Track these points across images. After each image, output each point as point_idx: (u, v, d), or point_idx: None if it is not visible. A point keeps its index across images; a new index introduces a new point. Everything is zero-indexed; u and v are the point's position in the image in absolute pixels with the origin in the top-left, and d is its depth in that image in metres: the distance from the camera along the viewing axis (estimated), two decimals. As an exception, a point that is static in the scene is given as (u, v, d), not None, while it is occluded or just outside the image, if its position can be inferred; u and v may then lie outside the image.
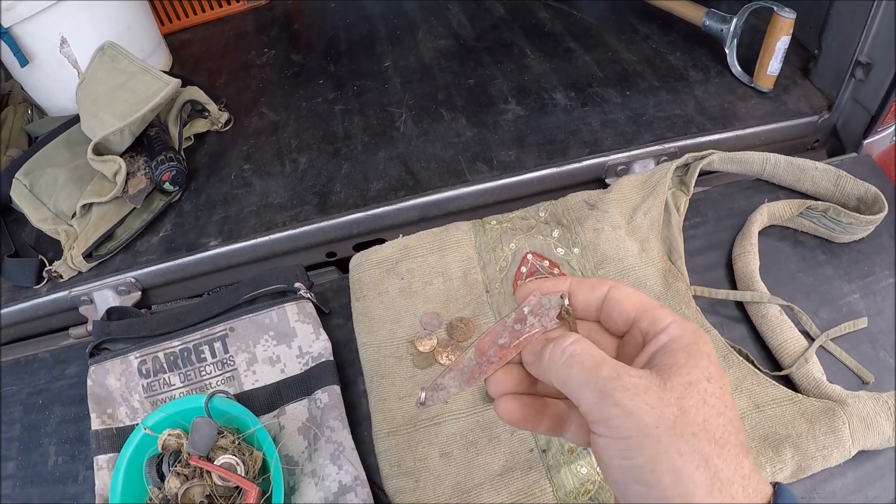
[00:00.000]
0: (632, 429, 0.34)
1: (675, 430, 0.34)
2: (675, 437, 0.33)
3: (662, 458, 0.33)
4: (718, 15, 1.16)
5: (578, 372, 0.37)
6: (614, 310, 0.42)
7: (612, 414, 0.35)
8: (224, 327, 0.85)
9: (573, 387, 0.38)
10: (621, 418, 0.34)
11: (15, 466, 0.85)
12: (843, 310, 0.86)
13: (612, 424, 0.35)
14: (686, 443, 0.33)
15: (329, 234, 1.03)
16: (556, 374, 0.39)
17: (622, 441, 0.34)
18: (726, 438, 0.34)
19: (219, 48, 1.53)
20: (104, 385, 0.83)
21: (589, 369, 0.37)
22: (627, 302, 0.41)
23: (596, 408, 0.36)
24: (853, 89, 1.06)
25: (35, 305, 1.01)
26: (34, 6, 1.14)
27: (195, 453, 0.69)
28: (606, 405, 0.35)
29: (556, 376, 0.39)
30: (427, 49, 1.37)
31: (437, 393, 0.46)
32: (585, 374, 0.37)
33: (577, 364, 0.38)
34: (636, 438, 0.34)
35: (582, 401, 0.37)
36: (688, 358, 0.36)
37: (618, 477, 0.35)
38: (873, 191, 0.90)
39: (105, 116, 1.05)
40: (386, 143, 1.14)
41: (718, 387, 0.36)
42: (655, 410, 0.34)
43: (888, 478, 0.73)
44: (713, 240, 0.93)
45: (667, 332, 0.39)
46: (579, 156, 1.05)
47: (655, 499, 0.34)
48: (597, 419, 0.36)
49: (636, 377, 0.35)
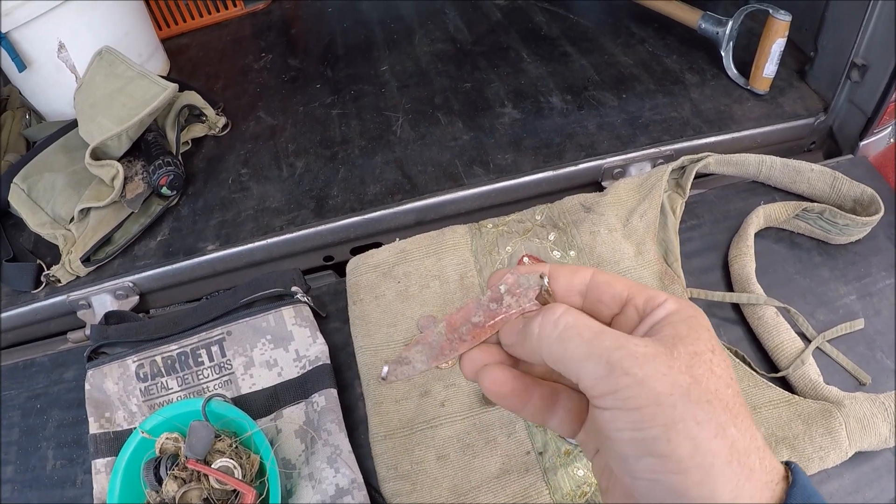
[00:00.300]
0: (644, 398, 0.32)
1: (690, 398, 0.31)
2: (690, 405, 0.31)
3: (679, 427, 0.31)
4: (714, 18, 1.17)
5: (577, 344, 0.34)
6: (604, 292, 0.39)
7: (621, 384, 0.32)
8: (221, 331, 0.85)
9: (572, 361, 0.34)
10: (632, 388, 0.32)
11: (13, 470, 0.85)
12: (840, 311, 0.86)
13: (622, 395, 0.32)
14: (702, 410, 0.31)
15: (326, 238, 1.03)
16: (550, 349, 0.36)
17: (634, 412, 0.32)
18: (738, 409, 0.33)
19: (216, 53, 1.53)
20: (102, 389, 0.84)
21: (589, 340, 0.34)
22: (617, 283, 0.39)
23: (602, 381, 0.33)
24: (849, 91, 1.06)
25: (33, 310, 1.01)
26: (32, 11, 1.14)
27: (192, 457, 0.69)
28: (614, 375, 0.32)
29: (549, 352, 0.36)
30: (424, 53, 1.38)
31: (400, 367, 0.42)
32: (586, 346, 0.34)
33: (574, 336, 0.35)
34: (649, 408, 0.31)
35: (584, 375, 0.34)
36: (689, 330, 0.34)
37: (627, 451, 0.33)
38: (869, 192, 0.90)
39: (103, 121, 1.05)
40: (383, 147, 1.14)
41: (722, 359, 0.34)
42: (667, 378, 0.32)
43: (885, 479, 0.73)
44: (709, 242, 0.93)
45: (664, 307, 0.36)
46: (575, 159, 1.05)
47: (671, 471, 0.31)
48: (603, 392, 0.33)
49: (642, 346, 0.33)
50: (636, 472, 0.33)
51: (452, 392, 0.79)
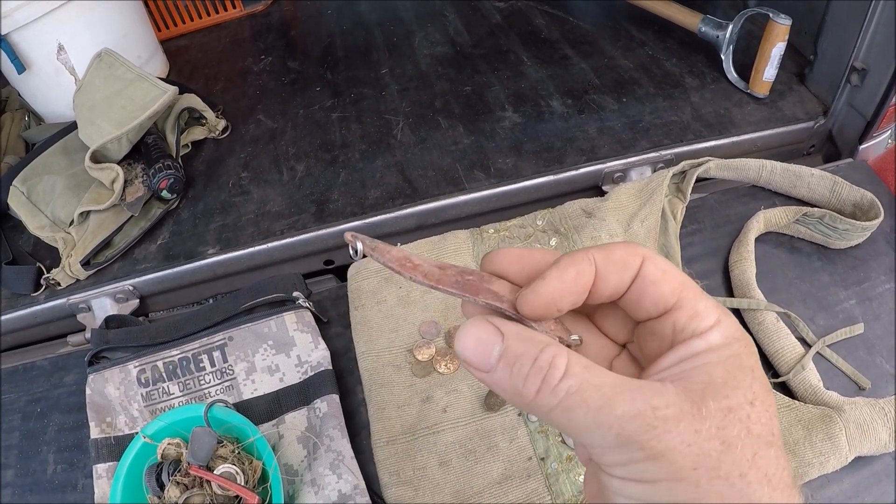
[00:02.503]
0: (662, 472, 0.27)
1: (720, 472, 0.27)
2: (717, 481, 0.27)
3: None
4: (714, 21, 1.17)
5: (584, 415, 0.28)
6: (648, 293, 0.32)
7: (635, 458, 0.27)
8: (223, 336, 0.85)
9: (577, 431, 0.29)
10: (648, 462, 0.27)
11: (14, 474, 0.85)
12: (840, 316, 0.86)
13: (635, 469, 0.28)
14: (731, 488, 0.27)
15: (327, 242, 1.03)
16: (549, 418, 0.30)
17: (647, 485, 0.28)
18: (780, 476, 0.28)
19: (216, 55, 1.53)
20: (103, 394, 0.83)
21: (597, 409, 0.28)
22: (667, 284, 0.32)
23: (612, 451, 0.28)
24: (849, 95, 1.06)
25: (33, 313, 1.01)
26: (32, 13, 1.14)
27: (195, 462, 0.69)
28: (628, 451, 0.28)
29: (547, 420, 0.30)
30: (424, 56, 1.38)
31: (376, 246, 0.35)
32: (593, 416, 0.28)
33: (579, 405, 0.28)
34: (666, 483, 0.27)
35: (591, 444, 0.29)
36: (727, 376, 0.29)
37: None
38: (869, 197, 0.90)
39: (102, 124, 1.05)
40: (383, 151, 1.14)
41: (764, 410, 0.29)
42: (693, 448, 0.27)
43: (885, 483, 0.73)
44: (710, 247, 0.94)
45: (706, 338, 0.30)
46: (576, 163, 1.06)
47: None
48: (613, 462, 0.29)
49: (663, 406, 0.27)
50: None
51: (454, 398, 0.80)
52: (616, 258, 0.32)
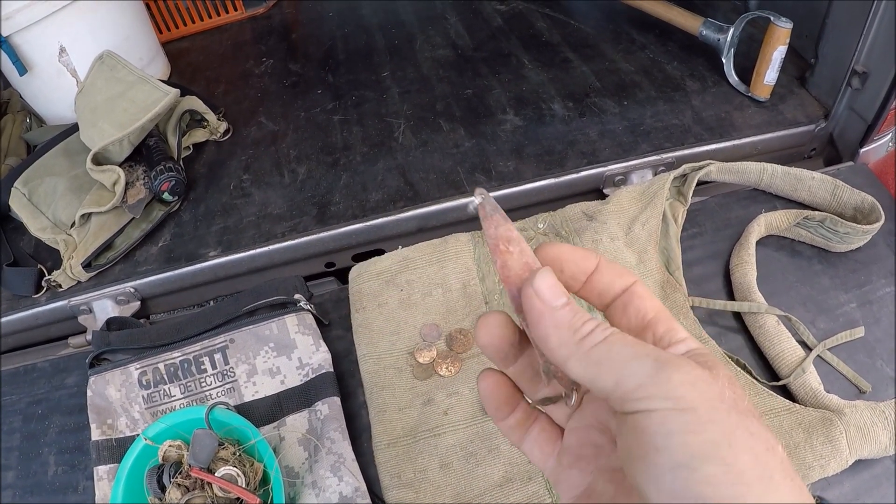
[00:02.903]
0: (698, 399, 0.29)
1: (739, 410, 0.29)
2: (742, 415, 0.29)
3: (737, 434, 0.28)
4: (715, 25, 1.17)
5: (623, 346, 0.32)
6: (634, 304, 0.36)
7: (674, 381, 0.29)
8: (224, 339, 0.85)
9: (615, 363, 0.31)
10: (685, 386, 0.29)
11: (14, 476, 0.85)
12: (840, 319, 0.86)
13: (675, 394, 0.29)
14: (753, 423, 0.29)
15: (328, 245, 1.03)
16: (592, 350, 0.32)
17: (689, 412, 0.29)
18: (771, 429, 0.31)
19: (217, 57, 1.53)
20: (104, 396, 0.84)
21: (634, 344, 0.32)
22: (650, 301, 0.36)
23: (651, 379, 0.30)
24: (849, 98, 1.07)
25: (34, 315, 1.02)
26: (33, 15, 1.15)
27: (196, 465, 0.69)
28: (665, 372, 0.30)
29: (588, 355, 0.32)
30: (425, 59, 1.38)
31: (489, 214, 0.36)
32: (632, 348, 0.31)
33: (618, 340, 0.32)
34: (705, 410, 0.29)
35: (628, 376, 0.31)
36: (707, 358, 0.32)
37: (680, 458, 0.28)
38: (870, 200, 0.90)
39: (104, 126, 1.05)
40: (385, 154, 1.14)
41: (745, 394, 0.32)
42: (715, 387, 0.30)
43: (885, 486, 0.73)
44: (711, 250, 0.94)
45: (686, 343, 0.34)
46: (577, 166, 1.06)
47: (734, 482, 0.28)
48: (651, 392, 0.30)
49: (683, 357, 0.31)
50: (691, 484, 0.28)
51: (455, 401, 0.80)
52: (617, 267, 0.37)
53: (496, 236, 0.35)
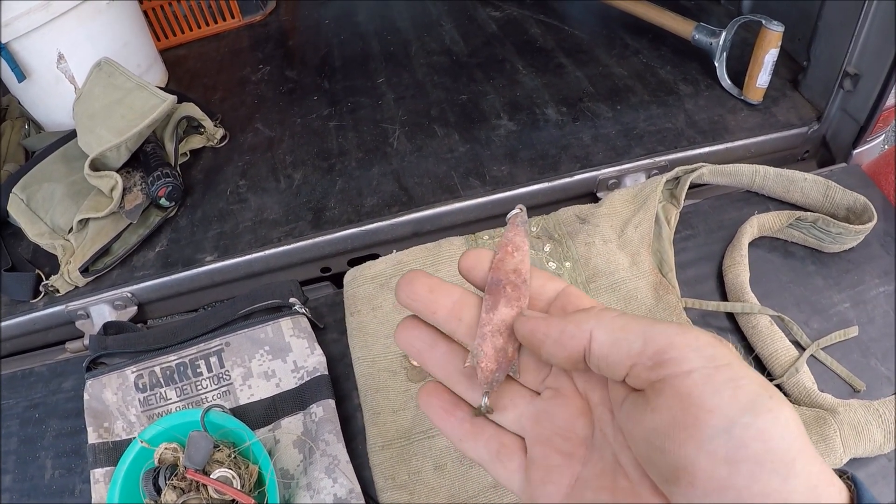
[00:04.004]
0: (727, 355, 0.29)
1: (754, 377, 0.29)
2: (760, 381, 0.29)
3: (772, 391, 0.28)
4: (708, 29, 1.18)
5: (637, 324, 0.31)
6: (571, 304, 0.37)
7: (702, 340, 0.29)
8: (220, 342, 0.85)
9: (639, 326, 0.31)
10: (713, 346, 0.29)
11: (12, 479, 0.85)
12: (834, 319, 0.86)
13: (705, 353, 0.29)
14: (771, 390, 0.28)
15: (323, 250, 1.04)
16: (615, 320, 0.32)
17: (726, 368, 0.28)
18: None
19: (214, 64, 1.54)
20: (101, 399, 0.84)
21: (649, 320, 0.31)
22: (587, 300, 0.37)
23: (678, 338, 0.29)
24: (842, 100, 1.07)
25: (32, 319, 1.02)
26: (32, 22, 1.15)
27: (191, 467, 0.69)
28: (692, 332, 0.29)
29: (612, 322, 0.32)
30: (420, 65, 1.38)
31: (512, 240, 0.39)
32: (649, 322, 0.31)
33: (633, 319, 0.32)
34: (738, 364, 0.28)
35: (657, 334, 0.30)
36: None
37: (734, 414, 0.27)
38: (862, 200, 0.91)
39: (102, 132, 1.06)
40: (380, 159, 1.15)
41: None
42: (730, 346, 0.30)
43: (881, 485, 0.73)
44: (704, 252, 0.94)
45: None
46: (571, 170, 1.06)
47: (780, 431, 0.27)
48: (682, 353, 0.29)
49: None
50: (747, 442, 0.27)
51: (449, 402, 0.80)
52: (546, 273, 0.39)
53: (511, 240, 0.38)
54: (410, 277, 0.38)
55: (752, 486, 0.26)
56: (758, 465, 0.27)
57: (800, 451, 0.27)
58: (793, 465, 0.26)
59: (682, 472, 0.28)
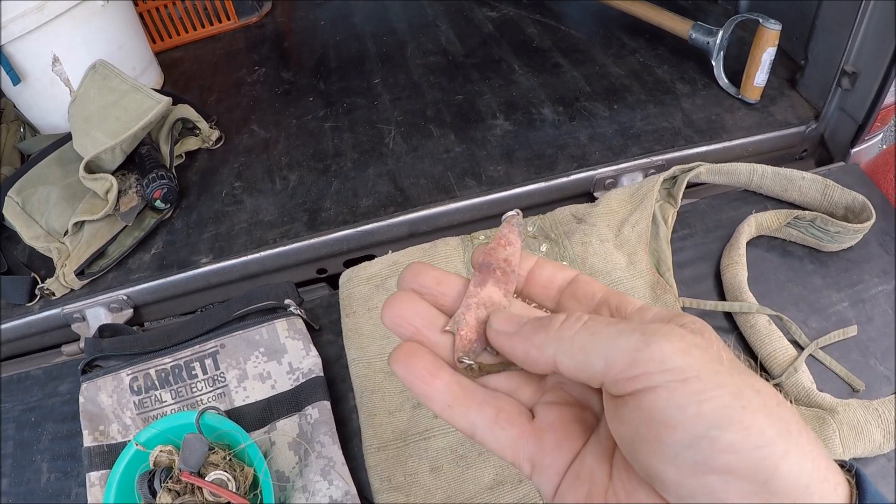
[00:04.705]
0: (698, 366, 0.27)
1: (739, 370, 0.28)
2: (743, 375, 0.28)
3: (747, 394, 0.27)
4: (705, 28, 1.17)
5: (605, 326, 0.30)
6: (580, 289, 0.36)
7: (667, 352, 0.28)
8: (215, 344, 0.85)
9: (600, 343, 0.30)
10: (681, 356, 0.28)
11: (8, 483, 0.85)
12: (833, 318, 0.86)
13: (672, 365, 0.28)
14: (756, 381, 0.28)
15: (319, 251, 1.03)
16: (573, 339, 0.31)
17: (693, 381, 0.27)
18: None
19: (210, 66, 1.53)
20: (96, 402, 0.84)
21: (618, 322, 0.30)
22: (596, 284, 0.36)
23: (641, 353, 0.28)
24: (840, 99, 1.07)
25: (27, 323, 1.02)
26: (27, 25, 1.15)
27: (186, 469, 0.69)
28: (656, 343, 0.28)
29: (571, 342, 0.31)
30: (416, 66, 1.38)
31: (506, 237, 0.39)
32: (615, 326, 0.30)
33: (600, 322, 0.31)
34: (708, 375, 0.27)
35: (618, 353, 0.29)
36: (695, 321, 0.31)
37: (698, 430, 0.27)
38: (860, 199, 0.90)
39: (97, 134, 1.06)
40: (375, 160, 1.15)
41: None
42: (710, 351, 0.28)
43: (880, 485, 0.73)
44: (701, 251, 0.94)
45: (648, 308, 0.34)
46: (567, 170, 1.06)
47: (755, 445, 0.26)
48: (645, 369, 0.28)
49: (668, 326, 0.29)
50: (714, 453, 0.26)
51: (446, 403, 0.79)
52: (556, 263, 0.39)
53: (504, 236, 0.38)
54: (417, 269, 0.38)
55: (726, 492, 0.26)
56: (729, 475, 0.26)
57: (785, 454, 0.26)
58: (775, 470, 0.26)
59: (653, 479, 0.28)
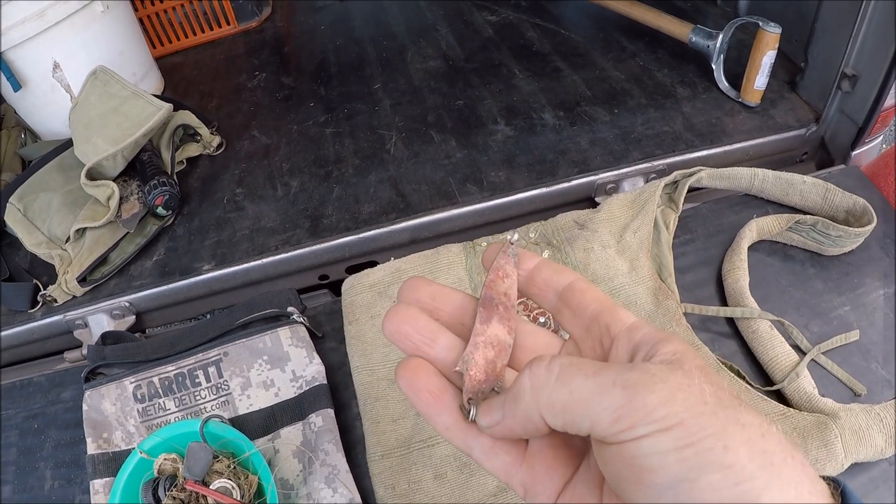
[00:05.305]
0: (681, 412, 0.28)
1: (724, 405, 0.29)
2: (729, 409, 0.29)
3: (729, 432, 0.28)
4: (704, 31, 1.18)
5: (583, 380, 0.30)
6: (574, 299, 0.37)
7: (651, 403, 0.28)
8: (218, 352, 0.85)
9: (581, 402, 0.30)
10: (664, 405, 0.28)
11: (11, 490, 0.85)
12: (834, 322, 0.86)
13: (656, 416, 0.28)
14: (741, 413, 0.29)
15: (321, 258, 1.03)
16: (551, 399, 0.31)
17: (677, 429, 0.28)
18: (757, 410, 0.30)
19: (210, 71, 1.53)
20: (99, 410, 0.84)
21: (595, 373, 0.30)
22: (590, 293, 0.37)
23: (626, 409, 0.29)
24: (840, 101, 1.07)
25: (30, 329, 1.02)
26: (27, 31, 1.15)
27: (191, 478, 0.69)
28: (639, 398, 0.29)
29: (550, 403, 0.31)
30: (416, 71, 1.38)
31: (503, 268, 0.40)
32: (594, 379, 0.30)
33: (576, 373, 0.31)
34: (692, 419, 0.28)
35: (601, 412, 0.29)
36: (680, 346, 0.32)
37: (678, 473, 0.28)
38: (861, 203, 0.90)
39: (98, 141, 1.06)
40: (377, 166, 1.15)
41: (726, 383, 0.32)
42: (693, 389, 0.29)
43: (882, 489, 0.73)
44: (703, 256, 0.94)
45: (638, 328, 0.34)
46: (568, 175, 1.06)
47: (738, 481, 0.27)
48: (632, 421, 0.29)
49: (651, 366, 0.30)
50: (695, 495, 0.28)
51: (449, 410, 0.79)
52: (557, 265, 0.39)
53: (501, 267, 0.39)
54: (414, 285, 0.39)
55: None
56: None
57: (766, 486, 0.27)
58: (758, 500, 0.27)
59: None
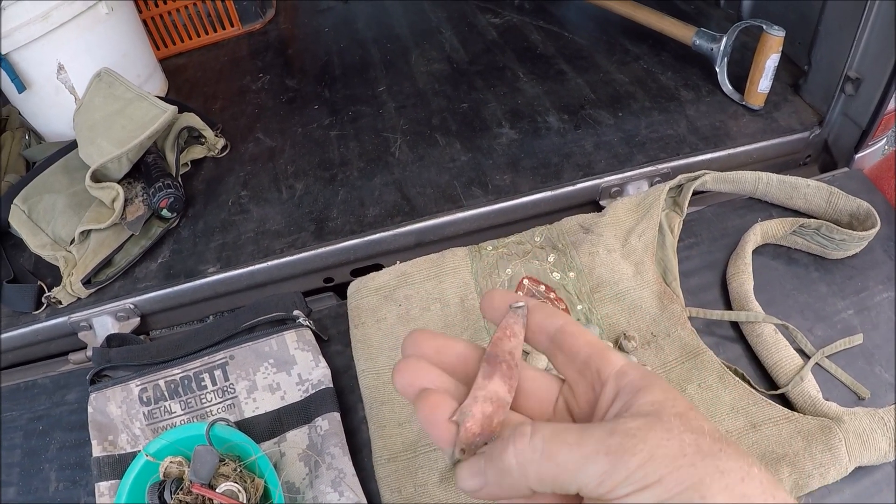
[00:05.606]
0: (662, 468, 0.30)
1: (703, 452, 0.30)
2: (708, 458, 0.30)
3: (707, 482, 0.30)
4: (708, 34, 1.18)
5: (568, 452, 0.32)
6: (566, 343, 0.38)
7: (632, 465, 0.30)
8: (224, 355, 0.85)
9: (568, 473, 0.32)
10: (645, 464, 0.30)
11: (16, 492, 0.85)
12: (838, 326, 0.86)
13: (637, 476, 0.30)
14: (720, 460, 0.30)
15: (326, 261, 1.03)
16: (539, 472, 0.33)
17: (657, 486, 0.30)
18: (743, 451, 0.32)
19: (214, 73, 1.54)
20: (105, 412, 0.84)
21: (578, 443, 0.32)
22: (581, 338, 0.38)
23: (609, 475, 0.31)
24: (843, 104, 1.07)
25: (34, 331, 1.02)
26: (31, 33, 1.16)
27: (197, 481, 0.69)
28: (621, 463, 0.30)
29: (538, 476, 0.33)
30: (420, 73, 1.39)
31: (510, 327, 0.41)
32: (578, 450, 0.32)
33: (560, 446, 0.32)
34: (671, 474, 0.30)
35: (587, 479, 0.31)
36: (662, 392, 0.34)
37: None
38: (865, 206, 0.91)
39: (103, 143, 1.06)
40: (381, 169, 1.15)
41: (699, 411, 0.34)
42: (673, 441, 0.31)
43: (886, 493, 0.73)
44: (707, 260, 0.94)
45: (624, 374, 0.36)
46: (573, 179, 1.06)
47: None
48: (615, 483, 0.30)
49: (631, 422, 0.32)
50: None
51: (455, 413, 0.79)
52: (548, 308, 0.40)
53: (510, 326, 0.40)
54: (417, 339, 0.40)
55: None
56: None
57: None
58: None
59: None
